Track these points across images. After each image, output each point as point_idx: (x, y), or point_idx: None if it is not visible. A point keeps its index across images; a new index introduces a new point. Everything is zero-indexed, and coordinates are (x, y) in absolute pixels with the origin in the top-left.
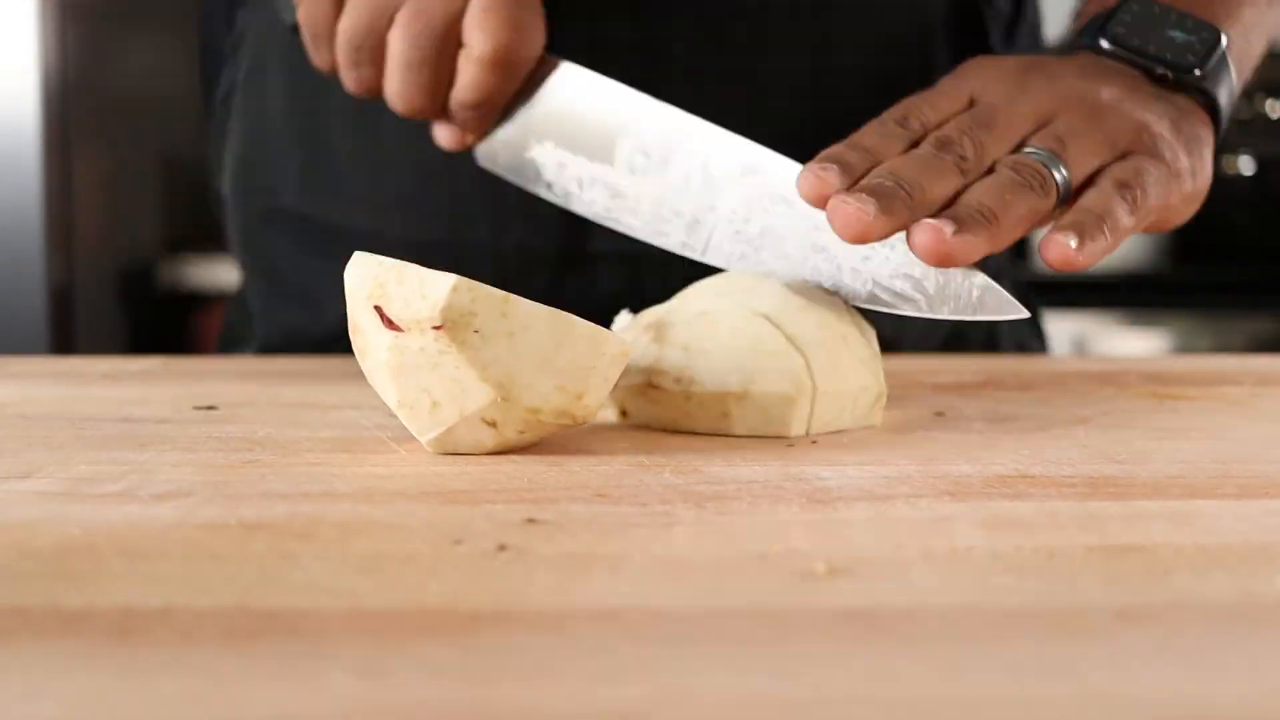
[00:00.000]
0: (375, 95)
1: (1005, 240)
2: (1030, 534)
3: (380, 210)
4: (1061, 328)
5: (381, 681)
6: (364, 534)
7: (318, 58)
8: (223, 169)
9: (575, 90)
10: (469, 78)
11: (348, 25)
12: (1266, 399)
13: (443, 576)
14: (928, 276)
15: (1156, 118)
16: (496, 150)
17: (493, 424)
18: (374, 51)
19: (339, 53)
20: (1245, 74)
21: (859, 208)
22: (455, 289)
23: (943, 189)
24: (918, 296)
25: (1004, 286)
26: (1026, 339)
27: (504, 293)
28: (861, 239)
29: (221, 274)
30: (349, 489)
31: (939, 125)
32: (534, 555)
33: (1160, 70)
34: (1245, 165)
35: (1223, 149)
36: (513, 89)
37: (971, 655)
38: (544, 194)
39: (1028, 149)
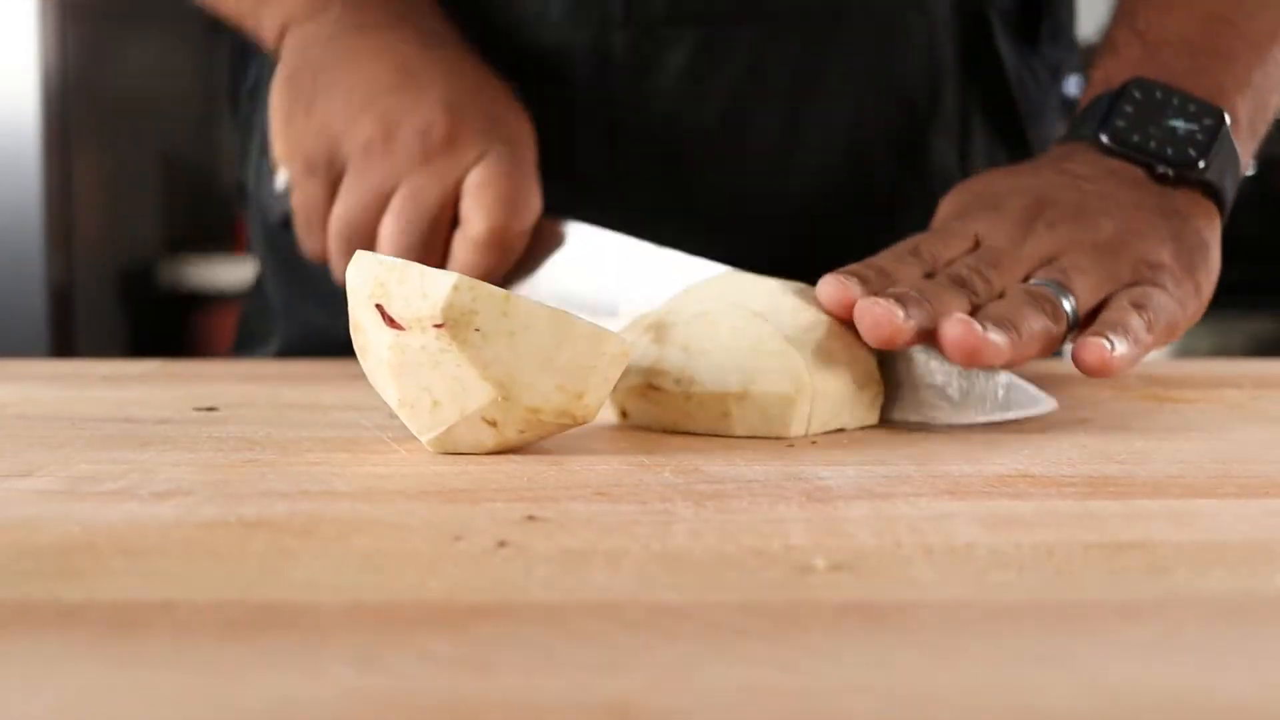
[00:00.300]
0: None
1: (1024, 354)
2: (1030, 532)
3: None
4: None
5: (380, 673)
6: (364, 532)
7: (309, 246)
8: (247, 163)
9: (573, 255)
10: (464, 258)
11: (341, 213)
12: (1266, 401)
13: (442, 572)
14: (950, 384)
15: (1158, 244)
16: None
17: (493, 423)
18: (367, 239)
19: (331, 241)
20: (1263, 132)
21: (888, 309)
22: (456, 287)
23: (959, 306)
24: (942, 404)
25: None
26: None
27: (505, 291)
28: (890, 341)
29: (222, 274)
30: (349, 488)
31: (948, 263)
32: (534, 552)
33: (1161, 169)
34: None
35: None
36: (510, 263)
37: (970, 649)
38: None
39: (1035, 281)
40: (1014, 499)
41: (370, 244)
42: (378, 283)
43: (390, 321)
